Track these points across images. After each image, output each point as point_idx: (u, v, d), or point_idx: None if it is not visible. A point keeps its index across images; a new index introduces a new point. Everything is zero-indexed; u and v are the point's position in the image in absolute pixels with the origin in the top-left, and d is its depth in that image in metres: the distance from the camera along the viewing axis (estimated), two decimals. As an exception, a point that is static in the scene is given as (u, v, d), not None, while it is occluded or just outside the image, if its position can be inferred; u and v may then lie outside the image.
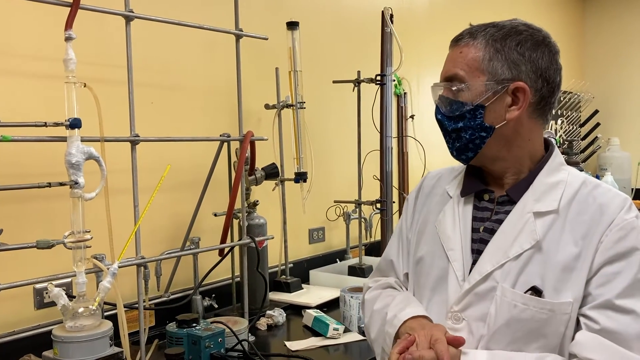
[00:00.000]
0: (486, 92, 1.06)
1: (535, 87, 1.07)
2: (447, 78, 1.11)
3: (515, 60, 1.06)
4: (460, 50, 1.10)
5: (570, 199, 1.06)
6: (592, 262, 1.00)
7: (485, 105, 1.06)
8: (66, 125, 1.37)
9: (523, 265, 1.04)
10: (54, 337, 1.35)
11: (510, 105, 1.07)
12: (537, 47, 1.08)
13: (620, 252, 1.00)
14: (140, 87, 1.80)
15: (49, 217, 1.69)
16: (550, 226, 1.04)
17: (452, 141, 1.12)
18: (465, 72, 1.08)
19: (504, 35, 1.08)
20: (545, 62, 1.08)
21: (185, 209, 2.00)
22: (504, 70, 1.06)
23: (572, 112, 5.23)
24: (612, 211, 1.03)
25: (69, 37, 1.38)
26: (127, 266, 1.52)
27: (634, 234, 1.00)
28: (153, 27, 1.78)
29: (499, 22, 1.12)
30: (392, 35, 2.43)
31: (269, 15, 2.40)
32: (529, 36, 1.09)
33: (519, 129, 1.08)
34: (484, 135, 1.07)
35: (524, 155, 1.11)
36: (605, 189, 1.08)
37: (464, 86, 1.07)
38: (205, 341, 1.54)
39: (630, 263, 0.99)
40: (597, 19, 5.67)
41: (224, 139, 1.88)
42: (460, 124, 1.08)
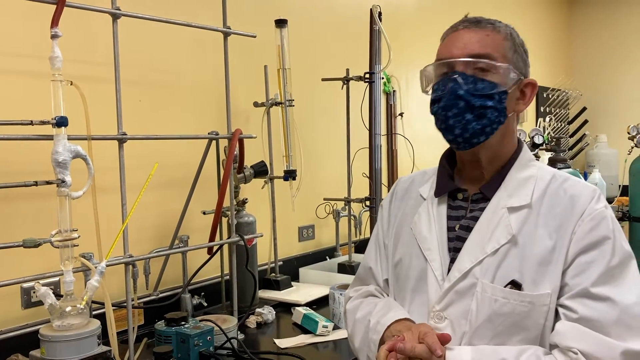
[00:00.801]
0: (511, 80, 1.08)
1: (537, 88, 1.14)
2: (475, 55, 1.07)
3: (524, 59, 1.13)
4: (486, 33, 1.10)
5: (542, 192, 1.09)
6: (567, 253, 1.03)
7: (508, 92, 1.08)
8: (53, 124, 1.36)
9: (501, 260, 1.05)
10: (41, 336, 1.34)
11: (518, 99, 1.11)
12: (527, 54, 1.15)
13: (592, 241, 1.02)
14: (127, 85, 1.79)
15: (36, 216, 1.69)
16: (524, 220, 1.07)
17: (468, 122, 1.06)
18: (498, 54, 1.08)
19: (515, 34, 1.14)
20: (529, 69, 1.15)
21: (174, 207, 2.00)
22: (519, 65, 1.11)
23: (560, 110, 5.27)
24: (582, 202, 1.05)
25: (55, 34, 1.37)
26: (115, 265, 1.52)
27: (604, 223, 1.03)
28: (140, 25, 1.77)
29: (499, 21, 1.16)
30: (381, 33, 2.43)
31: (257, 13, 2.40)
32: (522, 42, 1.15)
33: (512, 124, 1.13)
34: (502, 120, 1.08)
35: (507, 150, 1.14)
36: (574, 181, 1.11)
37: (499, 66, 1.06)
38: (194, 339, 1.54)
39: (603, 252, 1.01)
40: (584, 16, 5.71)
41: (212, 137, 1.88)
42: (490, 102, 1.06)
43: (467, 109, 1.06)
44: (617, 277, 1.01)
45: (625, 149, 4.29)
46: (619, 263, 1.02)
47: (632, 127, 4.18)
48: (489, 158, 1.13)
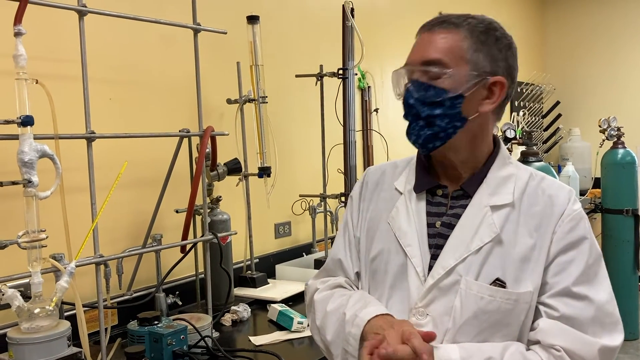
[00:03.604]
0: (467, 82, 1.05)
1: (507, 85, 1.09)
2: (426, 62, 1.07)
3: (495, 55, 1.07)
4: (443, 35, 1.07)
5: (522, 191, 1.10)
6: (548, 252, 1.05)
7: (464, 95, 1.05)
8: (18, 123, 1.34)
9: (484, 258, 1.06)
10: (9, 339, 1.33)
11: (484, 99, 1.07)
12: (509, 47, 1.10)
13: (572, 241, 1.05)
14: (96, 83, 1.77)
15: (2, 216, 1.65)
16: (506, 219, 1.07)
17: (421, 128, 1.08)
18: (449, 58, 1.05)
19: (486, 29, 1.08)
20: (513, 62, 1.11)
21: (146, 206, 1.98)
22: (485, 63, 1.06)
23: (534, 104, 5.33)
24: (561, 202, 1.08)
25: (19, 32, 1.35)
26: (85, 265, 1.50)
27: (582, 224, 1.06)
28: (108, 22, 1.75)
29: (476, 15, 1.11)
30: (354, 29, 2.44)
31: (228, 9, 2.38)
32: (502, 35, 1.10)
33: (484, 123, 1.10)
34: (457, 125, 1.06)
35: (482, 150, 1.13)
36: (550, 180, 1.13)
37: (448, 72, 1.04)
38: (167, 338, 1.53)
39: (581, 251, 1.04)
40: (557, 11, 5.78)
41: (183, 135, 1.87)
42: (438, 110, 1.05)
43: (417, 117, 1.08)
44: (592, 276, 1.04)
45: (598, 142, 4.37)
46: (594, 262, 1.05)
47: (603, 121, 4.27)
48: (461, 159, 1.12)
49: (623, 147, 4.15)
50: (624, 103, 5.32)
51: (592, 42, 5.57)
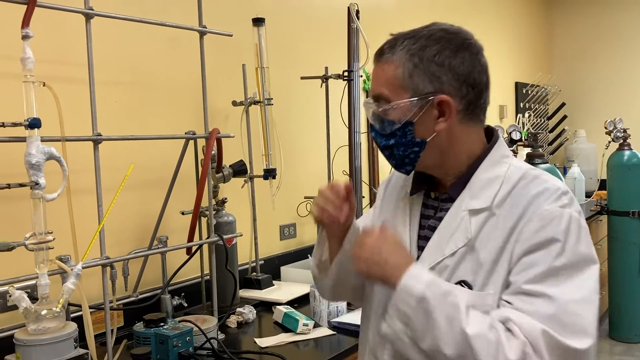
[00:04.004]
0: (412, 109, 1.04)
1: (460, 95, 1.05)
2: (374, 97, 1.09)
3: (435, 72, 1.03)
4: (382, 68, 1.07)
5: (507, 193, 1.05)
6: (512, 253, 1.00)
7: (413, 121, 1.04)
8: (25, 126, 1.35)
9: (457, 262, 1.05)
10: (16, 340, 1.33)
11: (437, 117, 1.05)
12: (456, 53, 1.04)
13: (538, 242, 0.99)
14: (103, 86, 1.78)
15: (10, 218, 1.66)
16: (483, 223, 1.04)
17: (388, 157, 1.12)
18: (389, 91, 1.05)
19: (421, 47, 1.04)
20: (466, 67, 1.05)
21: (152, 208, 1.99)
22: (425, 85, 1.03)
23: (539, 105, 5.32)
24: (538, 201, 1.02)
25: (26, 35, 1.36)
26: (91, 267, 1.51)
27: (554, 224, 0.99)
28: (115, 25, 1.76)
29: (417, 31, 1.07)
30: (359, 31, 2.44)
31: (234, 11, 2.39)
32: (446, 43, 1.04)
33: (452, 137, 1.07)
34: (417, 149, 1.07)
35: (461, 158, 1.10)
36: (542, 180, 1.06)
37: (389, 106, 1.05)
38: (173, 340, 1.53)
39: (548, 253, 0.98)
40: (562, 12, 5.77)
41: (189, 137, 1.87)
42: (392, 141, 1.07)
43: (381, 147, 1.11)
44: (560, 277, 0.96)
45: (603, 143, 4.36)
46: (567, 265, 0.97)
47: (609, 122, 4.25)
48: (439, 171, 1.12)
49: (629, 149, 4.13)
50: (630, 104, 5.31)
51: (597, 43, 5.56)
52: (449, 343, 0.93)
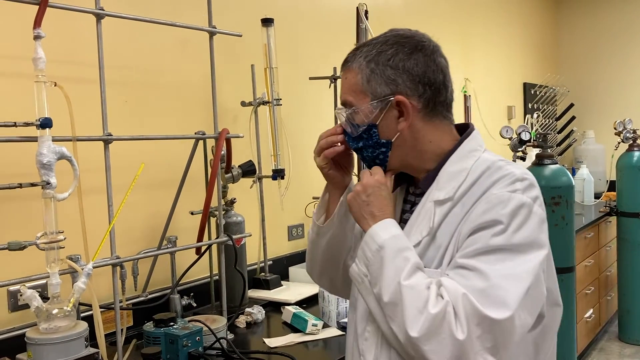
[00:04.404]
0: (373, 112, 1.11)
1: (418, 94, 1.10)
2: (342, 104, 1.17)
3: (390, 75, 1.09)
4: (345, 76, 1.15)
5: (470, 184, 1.09)
6: (460, 233, 1.05)
7: (376, 123, 1.11)
8: (37, 125, 1.35)
9: (422, 251, 1.09)
10: (28, 339, 1.34)
11: (398, 118, 1.11)
12: (410, 56, 1.10)
13: (482, 223, 1.02)
14: (113, 86, 1.78)
15: (21, 218, 1.67)
16: (447, 213, 1.09)
17: (362, 159, 1.18)
18: (352, 96, 1.13)
19: (376, 53, 1.11)
20: (421, 68, 1.10)
21: (162, 208, 1.99)
22: (382, 88, 1.10)
23: (547, 106, 5.30)
24: (492, 187, 1.05)
25: (38, 35, 1.36)
26: (102, 266, 1.51)
27: (499, 207, 1.02)
28: (125, 25, 1.77)
29: (374, 39, 1.14)
30: (367, 31, 2.44)
31: (243, 12, 2.39)
32: (400, 47, 1.10)
33: (416, 135, 1.12)
34: (384, 150, 1.13)
35: (429, 155, 1.14)
36: (504, 169, 1.09)
37: (353, 110, 1.12)
38: (183, 340, 1.53)
39: (488, 233, 1.01)
40: (570, 12, 5.75)
41: (198, 137, 1.88)
42: (360, 143, 1.14)
43: (353, 150, 1.19)
44: (497, 255, 0.99)
45: (612, 144, 4.34)
46: (505, 246, 1.00)
47: (618, 123, 4.23)
48: (413, 169, 1.17)
49: (639, 150, 4.11)
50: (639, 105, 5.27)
51: (606, 43, 5.53)
52: (388, 290, 1.01)
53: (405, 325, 0.97)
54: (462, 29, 4.17)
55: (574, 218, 2.73)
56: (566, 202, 2.65)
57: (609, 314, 4.54)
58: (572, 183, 2.72)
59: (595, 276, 4.20)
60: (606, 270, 4.46)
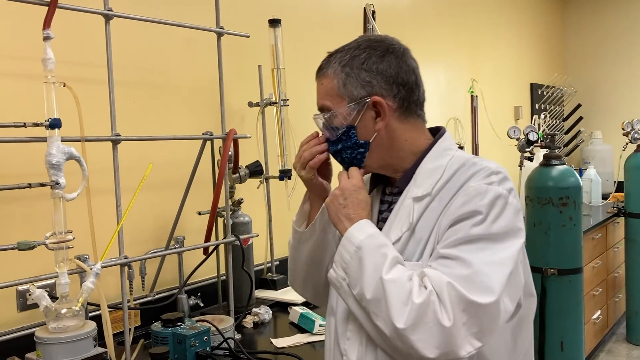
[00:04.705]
0: (351, 114, 1.15)
1: (392, 94, 1.14)
2: (319, 109, 1.21)
3: (365, 78, 1.14)
4: (321, 82, 1.19)
5: (447, 180, 1.12)
6: (440, 225, 1.08)
7: (354, 124, 1.15)
8: (46, 126, 1.36)
9: (402, 247, 1.12)
10: (37, 338, 1.35)
11: (375, 118, 1.15)
12: (382, 58, 1.15)
13: (461, 214, 1.05)
14: (121, 86, 1.79)
15: (30, 218, 1.68)
16: (425, 208, 1.12)
17: (341, 162, 1.21)
18: (330, 101, 1.17)
19: (350, 58, 1.16)
20: (393, 69, 1.15)
21: (169, 208, 2.00)
22: (359, 91, 1.14)
23: (555, 106, 5.28)
24: (469, 181, 1.09)
25: (48, 36, 1.37)
26: (110, 266, 1.52)
27: (478, 199, 1.05)
28: (133, 26, 1.77)
29: (347, 45, 1.19)
30: (374, 31, 2.43)
31: (250, 12, 2.40)
32: (372, 51, 1.16)
33: (393, 134, 1.16)
34: (362, 150, 1.17)
35: (405, 154, 1.18)
36: (479, 164, 1.12)
37: (331, 114, 1.16)
38: (191, 340, 1.54)
39: (469, 223, 1.04)
40: (578, 13, 5.73)
41: (206, 137, 1.88)
42: (339, 146, 1.18)
43: (332, 154, 1.22)
44: (478, 244, 1.02)
45: (620, 145, 4.31)
46: (485, 235, 1.03)
47: (626, 123, 4.21)
48: (390, 170, 1.20)
49: (647, 150, 4.09)
50: (647, 106, 5.25)
51: (613, 43, 5.50)
52: (369, 287, 1.02)
53: (391, 317, 0.98)
54: (469, 29, 4.17)
55: (582, 219, 2.72)
56: (574, 203, 2.63)
57: (616, 315, 4.52)
58: (580, 184, 2.71)
59: (603, 277, 4.18)
60: (614, 272, 4.44)
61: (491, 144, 4.28)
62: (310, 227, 1.26)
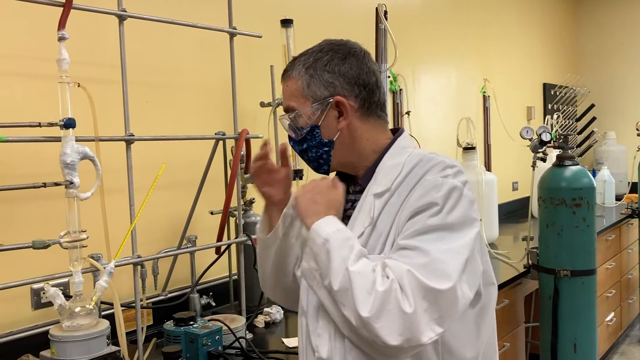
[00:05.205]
0: (315, 113, 1.20)
1: (354, 95, 1.20)
2: (285, 110, 1.25)
3: (328, 79, 1.19)
4: (286, 84, 1.24)
5: (405, 176, 1.17)
6: (400, 218, 1.13)
7: (318, 124, 1.20)
8: (60, 125, 1.37)
9: (365, 241, 1.16)
10: (51, 336, 1.36)
11: (338, 117, 1.20)
12: (344, 61, 1.20)
13: (419, 206, 1.10)
14: (134, 86, 1.80)
15: (45, 217, 1.70)
16: (385, 203, 1.16)
17: (307, 161, 1.26)
18: (295, 102, 1.21)
19: (313, 61, 1.21)
20: (355, 71, 1.20)
21: (182, 208, 2.01)
22: (322, 91, 1.19)
23: (568, 107, 5.24)
24: (425, 175, 1.14)
25: (62, 37, 1.38)
26: (123, 265, 1.53)
27: (434, 191, 1.11)
28: (146, 26, 1.78)
29: (310, 49, 1.24)
30: (387, 32, 2.43)
31: (262, 12, 2.40)
32: (334, 53, 1.21)
33: (355, 133, 1.21)
34: (327, 149, 1.22)
35: (367, 152, 1.23)
36: (435, 160, 1.17)
37: (296, 114, 1.21)
38: (203, 339, 1.55)
39: (426, 214, 1.09)
40: (591, 12, 5.68)
41: (219, 137, 1.89)
42: (305, 145, 1.23)
43: (299, 153, 1.26)
44: (434, 234, 1.07)
45: (634, 145, 4.27)
46: (441, 225, 1.08)
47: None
48: (353, 168, 1.25)
49: (661, 151, 4.04)
50: (661, 106, 5.20)
51: (627, 42, 5.45)
52: (337, 278, 1.05)
53: (357, 307, 1.02)
54: (481, 29, 4.15)
55: (595, 220, 2.70)
56: (587, 204, 2.61)
57: (630, 317, 4.47)
58: (594, 184, 2.68)
59: (616, 279, 4.14)
60: (628, 273, 4.39)
61: (503, 144, 4.25)
62: (273, 233, 1.30)
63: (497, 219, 3.42)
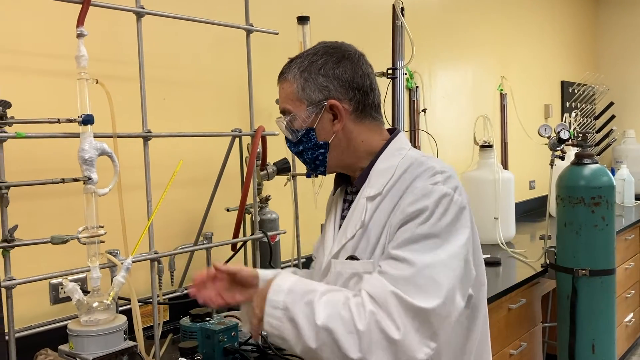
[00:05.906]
0: (310, 116, 1.22)
1: (348, 97, 1.22)
2: (281, 112, 1.27)
3: (322, 82, 1.21)
4: (282, 87, 1.26)
5: (396, 180, 1.19)
6: (391, 225, 1.14)
7: (313, 127, 1.22)
8: (79, 122, 1.38)
9: (356, 243, 1.20)
10: (69, 331, 1.37)
11: (333, 120, 1.22)
12: (338, 64, 1.22)
13: (409, 213, 1.11)
14: (152, 83, 1.81)
15: (63, 212, 1.71)
16: (376, 207, 1.19)
17: (304, 163, 1.29)
18: (290, 105, 1.23)
19: (308, 64, 1.23)
20: (349, 74, 1.22)
21: (198, 204, 2.01)
22: (316, 94, 1.21)
23: (586, 105, 5.18)
24: (415, 181, 1.15)
25: (81, 33, 1.39)
26: (140, 261, 1.53)
27: (424, 198, 1.11)
28: (164, 23, 1.79)
29: (305, 51, 1.27)
30: (403, 28, 2.42)
31: (279, 9, 2.40)
32: (329, 57, 1.23)
33: (349, 135, 1.24)
34: (322, 151, 1.24)
35: (362, 154, 1.26)
36: (427, 164, 1.18)
37: (291, 117, 1.23)
38: (219, 335, 1.55)
39: (416, 222, 1.10)
40: (610, 9, 5.60)
41: (235, 134, 1.89)
42: (300, 147, 1.25)
43: (295, 155, 1.30)
44: (422, 244, 1.08)
45: (655, 144, 4.21)
46: (430, 234, 1.08)
47: (661, 122, 4.10)
48: (349, 169, 1.29)
49: (682, 150, 3.98)
50: (682, 104, 5.11)
51: (648, 40, 5.37)
52: (310, 337, 1.04)
53: (344, 352, 1.02)
54: (498, 26, 4.11)
55: (615, 219, 2.66)
56: (606, 203, 2.57)
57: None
58: (613, 183, 2.65)
59: (635, 279, 4.09)
60: (647, 274, 4.33)
61: (520, 143, 4.21)
62: None
63: (514, 217, 3.39)
